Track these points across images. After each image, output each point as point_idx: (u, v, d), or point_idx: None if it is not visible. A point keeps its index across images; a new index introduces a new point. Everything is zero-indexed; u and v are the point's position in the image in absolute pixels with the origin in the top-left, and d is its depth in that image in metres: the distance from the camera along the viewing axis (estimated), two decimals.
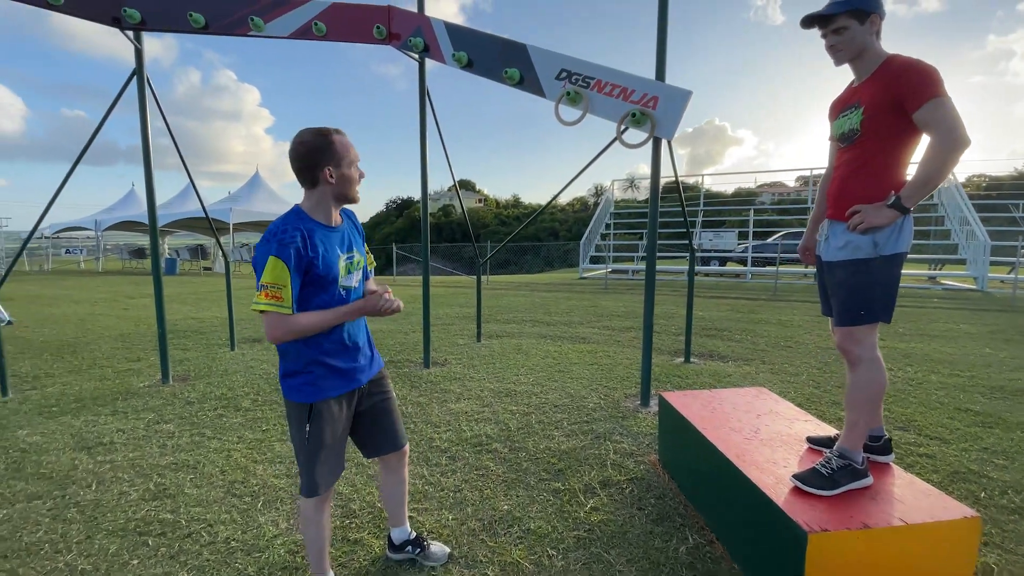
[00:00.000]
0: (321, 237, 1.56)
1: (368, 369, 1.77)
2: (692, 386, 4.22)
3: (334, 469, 1.69)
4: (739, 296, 10.99)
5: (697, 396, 2.78)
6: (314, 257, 1.52)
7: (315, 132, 1.56)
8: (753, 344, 5.97)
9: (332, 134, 1.56)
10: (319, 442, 1.62)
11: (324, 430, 1.62)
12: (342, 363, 1.66)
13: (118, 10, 3.74)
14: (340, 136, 1.58)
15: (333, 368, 1.63)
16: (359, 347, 1.72)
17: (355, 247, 1.70)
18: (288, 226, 1.50)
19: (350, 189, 1.62)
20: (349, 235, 1.70)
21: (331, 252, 1.57)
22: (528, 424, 3.39)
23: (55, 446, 3.28)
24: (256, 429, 3.45)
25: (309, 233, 1.52)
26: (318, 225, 1.57)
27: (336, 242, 1.61)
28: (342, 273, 1.61)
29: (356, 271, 1.69)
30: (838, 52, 1.86)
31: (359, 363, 1.72)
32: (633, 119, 3.04)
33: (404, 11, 3.94)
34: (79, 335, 6.99)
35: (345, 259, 1.63)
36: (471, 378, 4.51)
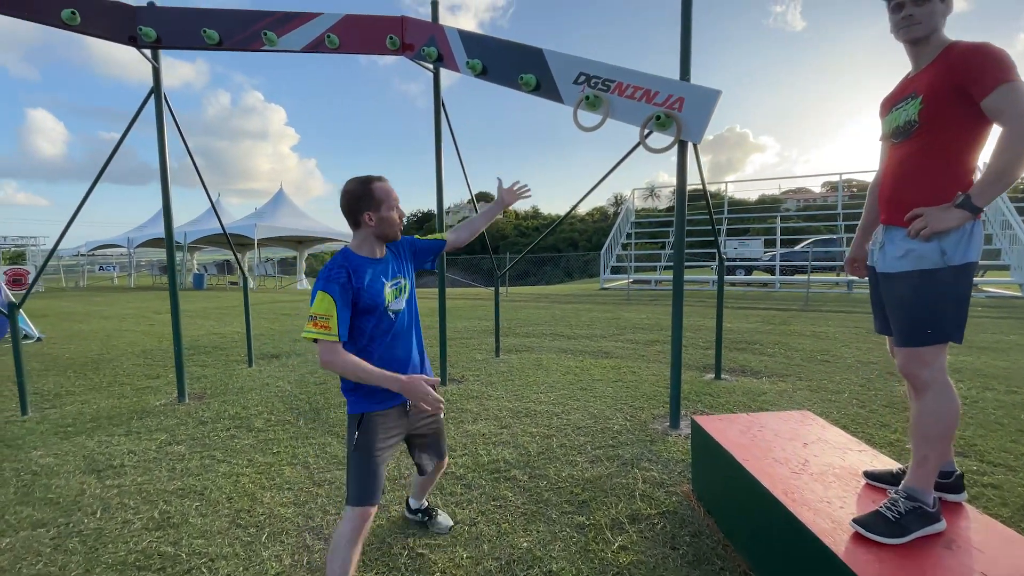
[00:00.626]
0: (366, 271, 1.76)
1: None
2: (725, 405, 3.95)
3: (382, 481, 1.79)
4: (769, 306, 10.58)
5: (734, 420, 2.54)
6: (359, 289, 1.72)
7: (358, 181, 1.79)
8: (787, 358, 5.64)
9: (372, 182, 1.78)
10: (365, 450, 1.76)
11: (371, 440, 1.77)
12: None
13: (134, 29, 3.75)
14: (380, 183, 1.79)
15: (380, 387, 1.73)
16: (408, 364, 1.88)
17: (400, 272, 1.90)
18: (335, 265, 1.73)
19: (389, 229, 1.81)
20: (394, 263, 1.90)
21: (376, 282, 1.77)
22: (549, 448, 3.18)
23: (66, 468, 3.22)
24: (267, 452, 3.33)
25: (354, 269, 1.74)
26: (364, 260, 1.79)
27: (381, 272, 1.81)
28: (388, 299, 1.81)
29: (403, 295, 1.88)
30: (914, 25, 1.61)
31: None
32: (657, 122, 2.86)
33: (417, 20, 3.85)
34: (104, 351, 7.07)
35: (391, 286, 1.83)
36: (489, 396, 4.33)
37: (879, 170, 1.90)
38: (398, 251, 1.95)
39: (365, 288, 1.73)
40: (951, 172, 1.58)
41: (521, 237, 54.48)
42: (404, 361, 1.86)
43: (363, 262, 1.77)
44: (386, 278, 1.81)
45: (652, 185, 49.91)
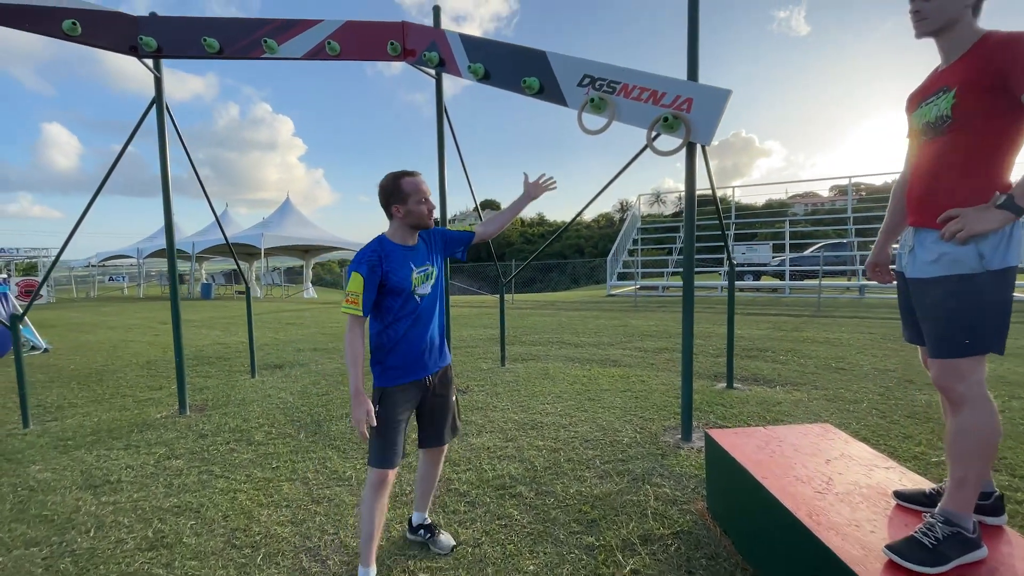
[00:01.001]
0: (396, 256, 1.95)
1: (433, 365, 2.08)
2: (738, 416, 3.81)
3: (398, 448, 1.98)
4: (779, 312, 10.40)
5: (751, 435, 2.42)
6: (388, 272, 1.91)
7: (390, 177, 1.98)
8: (801, 366, 5.49)
9: (402, 178, 1.96)
10: (385, 422, 1.93)
11: (389, 412, 1.95)
12: (411, 358, 2.00)
13: (135, 39, 3.72)
14: (410, 178, 1.96)
15: (403, 360, 1.99)
16: (430, 344, 2.06)
17: (429, 260, 2.06)
18: (369, 249, 1.94)
19: (419, 220, 1.97)
20: (425, 251, 2.06)
21: (404, 268, 1.95)
22: (556, 463, 3.07)
23: (63, 484, 3.15)
24: (266, 467, 3.24)
25: (386, 254, 1.93)
26: (396, 247, 1.97)
27: (411, 259, 1.98)
28: (415, 283, 1.98)
29: (429, 280, 2.04)
30: (921, 20, 1.54)
31: (424, 360, 2.03)
32: (665, 124, 2.76)
33: (418, 26, 3.80)
34: (108, 362, 7.04)
35: (418, 272, 1.99)
36: (494, 407, 4.22)
37: (905, 169, 1.79)
38: (429, 240, 2.11)
39: (393, 271, 1.92)
40: (987, 170, 1.47)
41: (527, 244, 54.46)
42: (424, 339, 2.04)
43: (395, 248, 1.96)
44: (415, 264, 1.99)
45: (658, 191, 49.76)
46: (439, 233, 2.18)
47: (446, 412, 2.17)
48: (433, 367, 2.08)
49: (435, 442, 2.18)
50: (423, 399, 2.09)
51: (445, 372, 2.16)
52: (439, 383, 2.12)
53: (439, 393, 2.13)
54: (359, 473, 3.07)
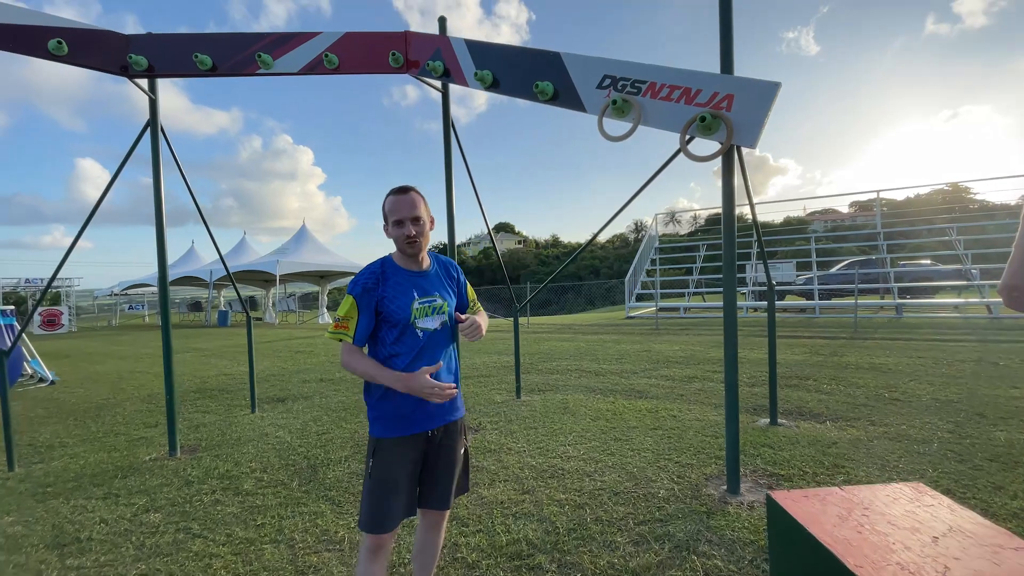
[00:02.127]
0: (398, 281, 1.71)
1: (442, 416, 1.75)
2: (791, 462, 3.31)
3: (395, 511, 1.67)
4: (813, 335, 9.78)
5: (825, 499, 1.95)
6: (383, 298, 1.67)
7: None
8: (850, 397, 4.94)
9: (389, 195, 1.73)
10: (379, 480, 1.66)
11: (385, 468, 1.67)
12: (407, 405, 1.68)
13: (124, 58, 3.52)
14: (390, 197, 1.72)
15: (398, 408, 1.68)
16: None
17: (440, 292, 1.78)
18: (367, 270, 1.71)
19: (397, 244, 1.73)
20: (437, 281, 1.80)
21: (404, 295, 1.69)
22: (581, 522, 2.61)
23: (31, 541, 2.82)
24: (250, 524, 2.85)
25: (385, 277, 1.70)
26: (399, 270, 1.73)
27: (414, 286, 1.72)
28: (416, 315, 1.70)
29: (437, 315, 1.75)
30: None
31: (427, 407, 1.71)
32: (702, 125, 2.38)
33: (422, 34, 3.53)
34: (111, 395, 6.80)
35: (421, 302, 1.72)
36: (509, 450, 3.78)
37: None
38: (447, 271, 1.88)
39: (391, 297, 1.68)
40: None
41: (542, 266, 54.20)
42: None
43: (397, 272, 1.73)
44: (419, 293, 1.73)
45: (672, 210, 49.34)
46: (456, 272, 1.93)
47: (452, 470, 1.82)
48: (439, 419, 1.75)
49: (437, 504, 1.81)
50: (426, 453, 1.76)
51: (455, 425, 1.82)
52: (445, 435, 1.79)
53: (445, 446, 1.79)
54: (352, 534, 2.66)
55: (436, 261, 1.87)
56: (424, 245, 1.75)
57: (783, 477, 3.05)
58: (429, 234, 1.78)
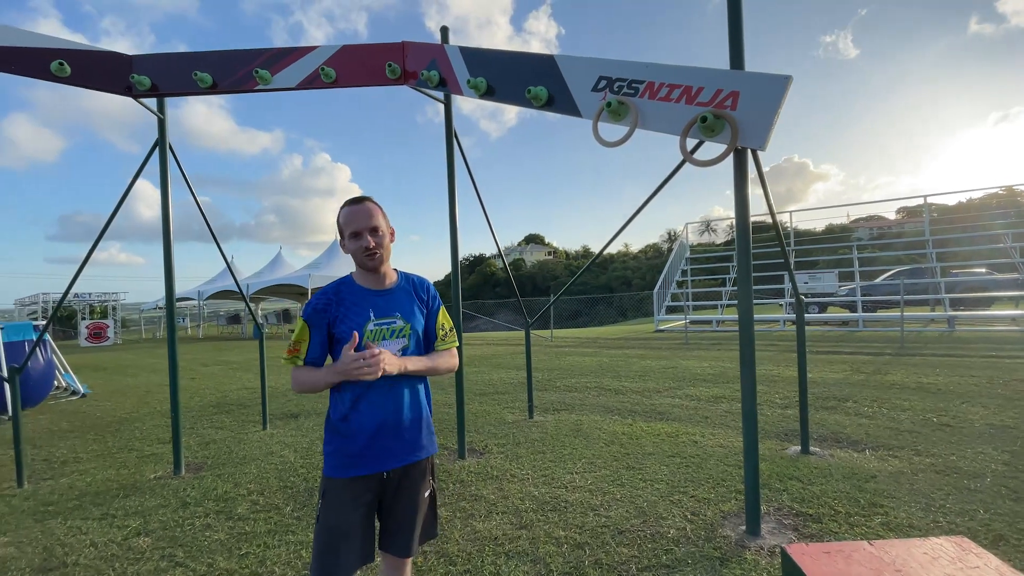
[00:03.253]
0: (355, 300, 1.58)
1: (402, 455, 1.58)
2: (821, 498, 2.96)
3: (347, 562, 1.49)
4: (854, 351, 9.15)
5: (850, 556, 1.66)
6: (335, 318, 1.56)
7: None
8: (894, 422, 4.50)
9: (343, 207, 1.62)
10: (326, 524, 1.52)
11: (334, 513, 1.52)
12: (362, 440, 1.53)
13: (127, 79, 3.56)
14: (346, 208, 1.61)
15: (352, 444, 1.53)
16: (389, 425, 1.56)
17: (403, 314, 1.62)
18: (322, 290, 1.61)
19: (355, 258, 1.61)
20: (401, 300, 1.65)
21: (358, 315, 1.56)
22: (578, 566, 2.37)
23: (19, 565, 2.78)
24: (234, 553, 2.73)
25: (340, 297, 1.58)
26: (358, 289, 1.61)
27: (372, 305, 1.59)
28: (369, 337, 1.56)
29: (397, 338, 1.60)
30: None
31: (386, 445, 1.55)
32: (704, 126, 2.15)
33: (419, 44, 3.44)
34: (135, 408, 6.94)
35: (377, 323, 1.58)
36: (512, 476, 3.56)
37: None
38: (414, 291, 1.71)
39: (343, 317, 1.56)
40: None
41: (572, 277, 53.79)
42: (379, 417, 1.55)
43: (355, 291, 1.61)
44: (375, 312, 1.59)
45: (707, 219, 48.17)
46: (428, 292, 1.75)
47: (413, 516, 1.62)
48: (396, 460, 1.57)
49: (397, 551, 1.62)
50: (382, 494, 1.59)
51: (417, 467, 1.63)
52: (405, 477, 1.60)
53: (404, 488, 1.61)
54: None
55: (405, 279, 1.71)
56: (385, 258, 1.62)
57: (811, 517, 2.72)
58: (390, 247, 1.66)
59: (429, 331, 1.73)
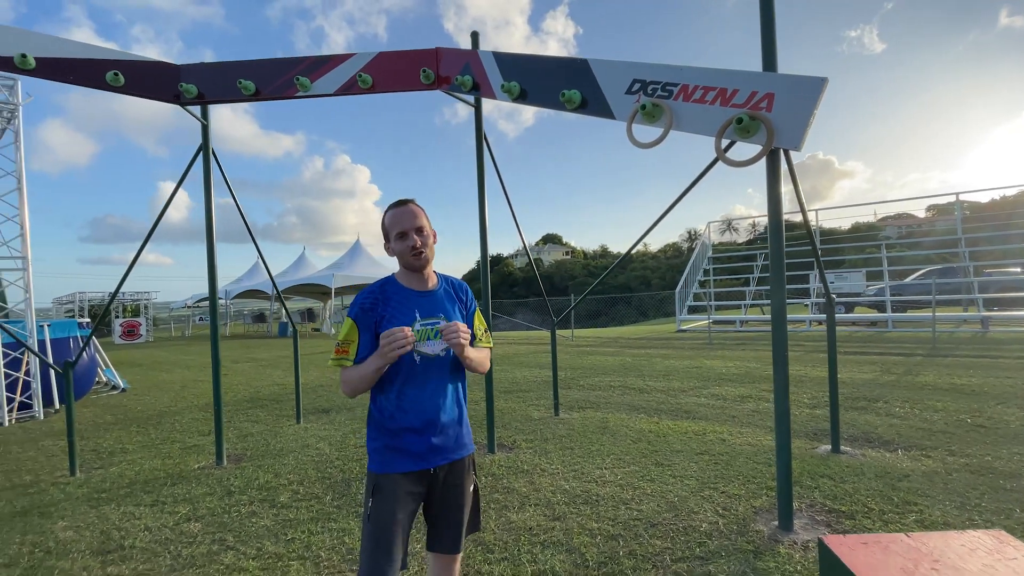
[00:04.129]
0: (400, 300, 1.61)
1: (446, 452, 1.62)
2: (853, 496, 2.97)
3: (394, 558, 1.50)
4: (884, 351, 8.98)
5: (888, 547, 1.70)
6: (382, 319, 1.57)
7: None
8: (926, 422, 4.44)
9: (387, 211, 1.65)
10: (379, 521, 1.52)
11: (386, 508, 1.52)
12: (409, 438, 1.57)
13: (176, 87, 3.74)
14: (390, 211, 1.64)
15: (399, 441, 1.57)
16: (434, 423, 1.59)
17: (446, 315, 1.65)
18: (367, 290, 1.62)
19: (404, 259, 1.63)
20: (443, 301, 1.68)
21: (405, 316, 1.58)
22: (613, 556, 2.44)
23: (79, 547, 2.96)
24: (280, 538, 2.87)
25: (386, 296, 1.60)
26: (401, 289, 1.63)
27: (417, 306, 1.61)
28: (417, 337, 1.56)
29: (439, 338, 1.60)
30: None
31: (431, 442, 1.58)
32: (739, 127, 2.20)
33: (452, 50, 3.54)
34: (173, 403, 7.22)
35: (422, 323, 1.60)
36: (542, 471, 3.64)
37: None
38: (456, 293, 1.75)
39: (390, 317, 1.57)
40: None
41: (590, 277, 53.53)
42: (424, 414, 1.58)
43: (399, 291, 1.63)
44: (421, 313, 1.61)
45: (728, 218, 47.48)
46: (467, 296, 1.78)
47: (461, 511, 1.67)
48: (441, 457, 1.61)
49: (447, 547, 1.66)
50: (429, 492, 1.62)
51: (462, 463, 1.67)
52: (451, 473, 1.64)
53: (451, 484, 1.65)
54: None
55: (444, 281, 1.75)
56: (430, 258, 1.65)
57: (844, 514, 2.74)
58: (434, 248, 1.68)
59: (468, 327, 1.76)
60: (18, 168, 6.84)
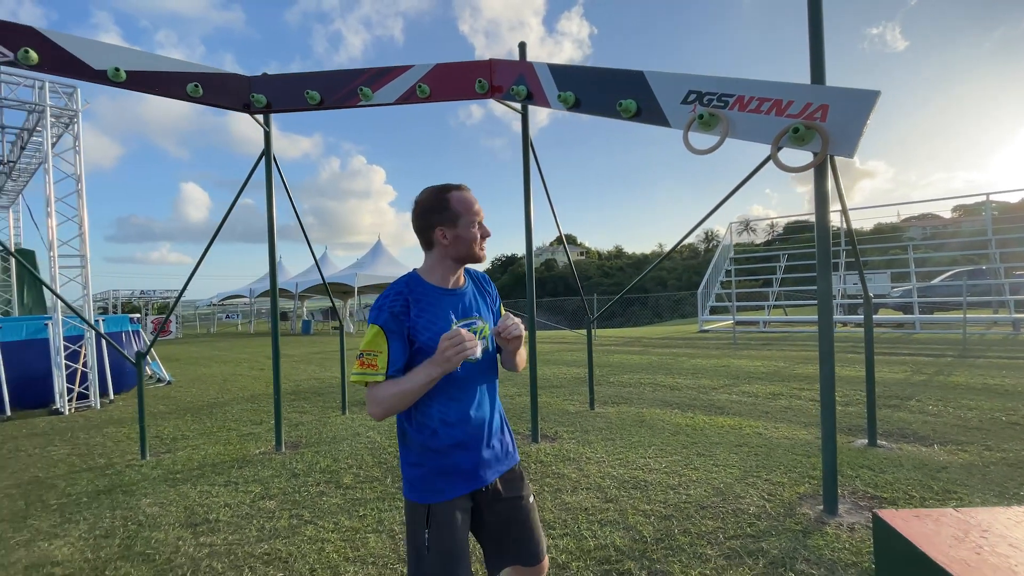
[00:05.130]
0: (432, 301, 1.41)
1: (497, 464, 1.46)
2: (894, 484, 3.12)
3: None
4: (914, 352, 8.98)
5: (938, 519, 1.86)
6: (417, 323, 1.36)
7: (432, 190, 1.44)
8: (961, 420, 4.53)
9: (450, 191, 1.42)
10: (441, 553, 1.34)
11: (446, 538, 1.34)
12: (459, 456, 1.39)
13: (247, 97, 4.02)
14: (460, 192, 1.43)
15: (448, 461, 1.39)
16: (482, 434, 1.44)
17: (479, 312, 1.49)
18: (392, 291, 1.39)
19: (468, 249, 1.43)
20: (473, 299, 1.50)
21: (441, 318, 1.39)
22: (669, 533, 2.63)
23: (167, 520, 3.23)
24: (353, 514, 3.11)
25: (416, 298, 1.39)
26: (431, 288, 1.42)
27: (451, 306, 1.43)
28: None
29: (479, 340, 1.41)
30: None
31: (483, 456, 1.43)
32: (794, 136, 2.38)
33: (506, 61, 3.76)
34: (219, 395, 7.56)
35: (459, 326, 1.39)
36: (588, 459, 3.84)
37: None
38: (480, 286, 1.56)
39: (425, 325, 1.37)
40: None
41: (604, 277, 53.45)
42: (472, 427, 1.41)
43: (430, 291, 1.42)
44: (456, 315, 1.43)
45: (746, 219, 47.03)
46: (491, 286, 1.62)
47: (528, 518, 1.49)
48: (494, 471, 1.45)
49: (526, 560, 1.47)
50: (484, 509, 1.46)
51: (512, 473, 1.51)
52: (507, 486, 1.48)
53: (512, 496, 1.48)
54: None
55: (469, 275, 1.56)
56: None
57: (886, 500, 2.89)
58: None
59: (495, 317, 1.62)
60: (77, 171, 7.24)
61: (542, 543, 1.50)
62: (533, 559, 1.47)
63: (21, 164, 8.71)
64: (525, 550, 1.47)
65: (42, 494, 3.69)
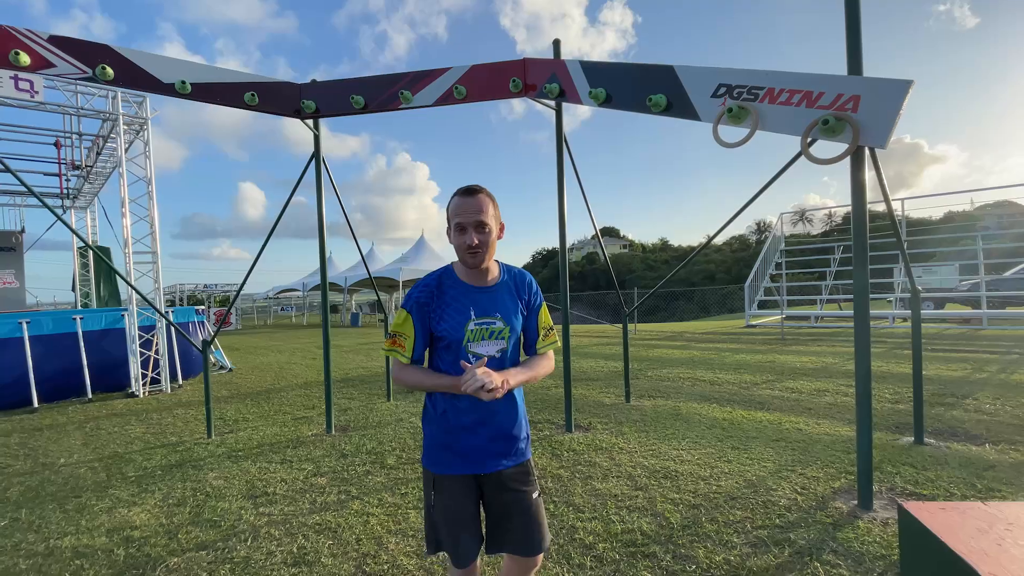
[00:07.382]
0: (456, 296, 1.52)
1: (500, 457, 1.57)
2: (935, 482, 3.03)
3: (467, 543, 1.55)
4: (977, 349, 8.43)
5: (965, 512, 1.85)
6: (437, 314, 1.50)
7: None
8: (1018, 419, 4.29)
9: (454, 196, 1.52)
10: (443, 516, 1.54)
11: (448, 506, 1.53)
12: (463, 441, 1.53)
13: (298, 103, 4.31)
14: (455, 197, 1.51)
15: (454, 440, 1.54)
16: (489, 424, 1.55)
17: (503, 315, 1.55)
18: (423, 282, 1.55)
19: (458, 252, 1.52)
20: (502, 301, 1.57)
21: (460, 313, 1.51)
22: (696, 521, 2.68)
23: (231, 492, 3.56)
24: (396, 492, 3.34)
25: (442, 290, 1.52)
26: (460, 284, 1.54)
27: (473, 303, 1.52)
28: (469, 337, 1.51)
29: (496, 340, 1.54)
30: None
31: (486, 445, 1.55)
32: (825, 128, 2.36)
33: (539, 60, 3.85)
34: (275, 382, 8.09)
35: (477, 323, 1.51)
36: (620, 449, 3.91)
37: None
38: (517, 290, 1.61)
39: (443, 316, 1.50)
40: None
41: (648, 271, 52.41)
42: (469, 419, 1.52)
43: (455, 284, 1.54)
44: (476, 311, 1.51)
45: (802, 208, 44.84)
46: (530, 290, 1.64)
47: (526, 512, 1.57)
48: (497, 462, 1.55)
49: (519, 549, 1.57)
50: (488, 494, 1.58)
51: (521, 468, 1.60)
52: (512, 479, 1.57)
53: (512, 490, 1.57)
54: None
55: (507, 274, 1.61)
56: (488, 256, 1.51)
57: (925, 497, 2.82)
58: (495, 243, 1.54)
59: (530, 329, 1.64)
60: (148, 175, 7.89)
61: (541, 539, 1.57)
62: (527, 551, 1.57)
63: (97, 168, 9.55)
64: (521, 541, 1.56)
65: (121, 467, 4.13)
